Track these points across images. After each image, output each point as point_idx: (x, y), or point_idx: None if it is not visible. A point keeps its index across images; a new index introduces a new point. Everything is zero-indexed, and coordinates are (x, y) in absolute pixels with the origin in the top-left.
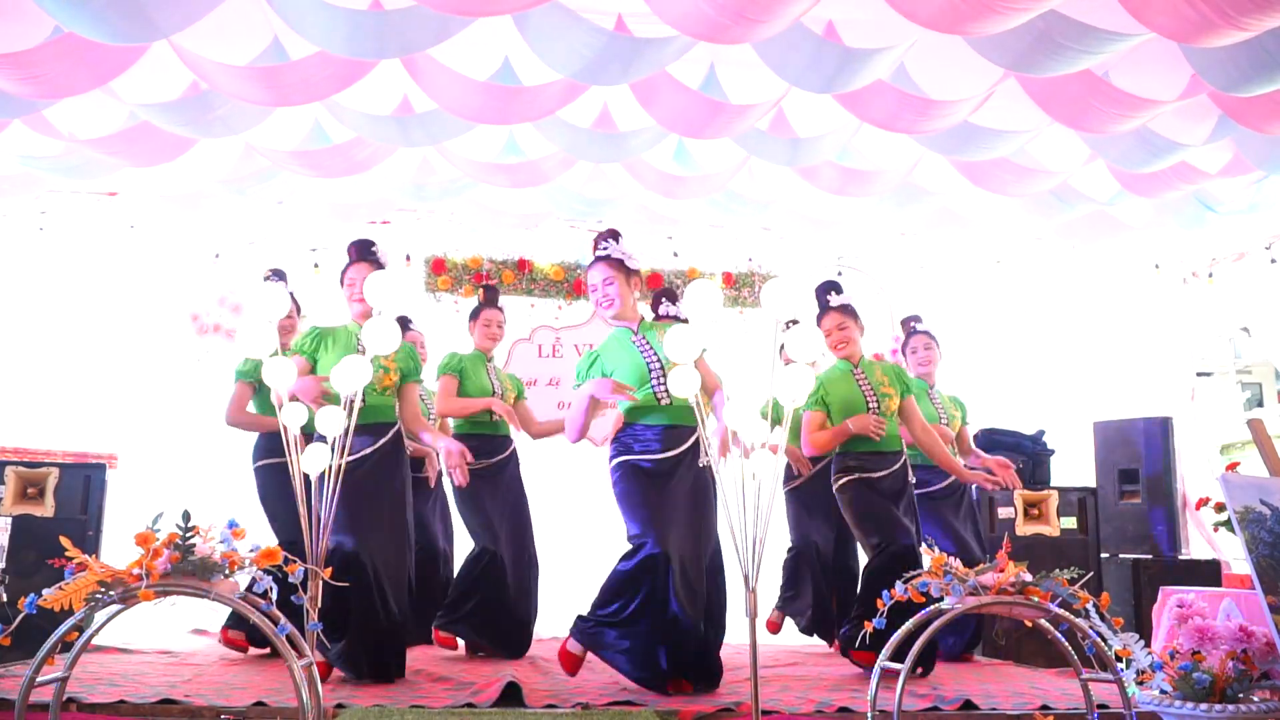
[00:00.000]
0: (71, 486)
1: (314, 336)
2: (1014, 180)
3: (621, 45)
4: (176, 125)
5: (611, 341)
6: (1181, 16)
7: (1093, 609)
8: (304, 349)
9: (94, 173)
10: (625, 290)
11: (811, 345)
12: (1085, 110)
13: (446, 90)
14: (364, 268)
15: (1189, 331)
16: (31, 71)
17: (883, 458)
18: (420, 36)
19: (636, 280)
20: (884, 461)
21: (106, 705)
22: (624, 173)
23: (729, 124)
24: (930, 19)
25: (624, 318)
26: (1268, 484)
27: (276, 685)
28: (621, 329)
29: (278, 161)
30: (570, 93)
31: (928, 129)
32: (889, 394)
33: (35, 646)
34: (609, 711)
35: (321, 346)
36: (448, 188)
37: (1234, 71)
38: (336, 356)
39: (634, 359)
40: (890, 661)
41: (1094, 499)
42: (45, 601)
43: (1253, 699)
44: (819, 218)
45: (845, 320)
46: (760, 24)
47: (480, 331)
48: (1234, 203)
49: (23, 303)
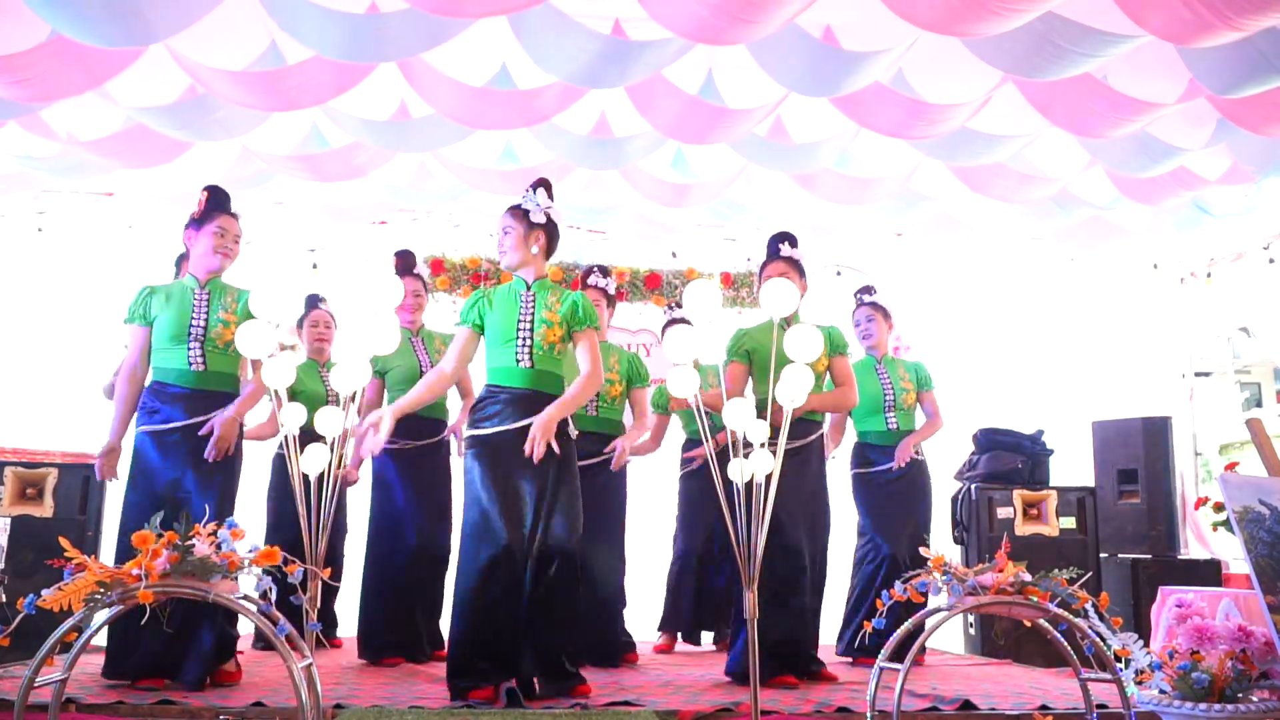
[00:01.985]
0: (70, 487)
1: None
2: (1013, 187)
3: (618, 48)
4: (173, 128)
5: (502, 291)
6: (1177, 17)
7: (1092, 609)
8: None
9: (91, 173)
10: (520, 242)
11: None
12: (1084, 114)
13: (444, 95)
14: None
15: (1187, 331)
16: (25, 74)
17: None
18: (416, 41)
19: (539, 235)
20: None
21: (106, 705)
22: (622, 181)
23: (727, 129)
24: (927, 20)
25: (518, 269)
26: (1266, 484)
27: (276, 685)
28: (518, 280)
29: (275, 165)
30: (568, 98)
31: (926, 134)
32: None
33: (35, 646)
34: (608, 711)
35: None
36: (445, 194)
37: (1229, 74)
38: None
39: (510, 315)
40: (889, 662)
41: (1093, 499)
42: (44, 602)
43: (1251, 699)
44: (818, 224)
45: (790, 272)
46: (753, 25)
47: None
48: (1231, 206)
49: (21, 303)
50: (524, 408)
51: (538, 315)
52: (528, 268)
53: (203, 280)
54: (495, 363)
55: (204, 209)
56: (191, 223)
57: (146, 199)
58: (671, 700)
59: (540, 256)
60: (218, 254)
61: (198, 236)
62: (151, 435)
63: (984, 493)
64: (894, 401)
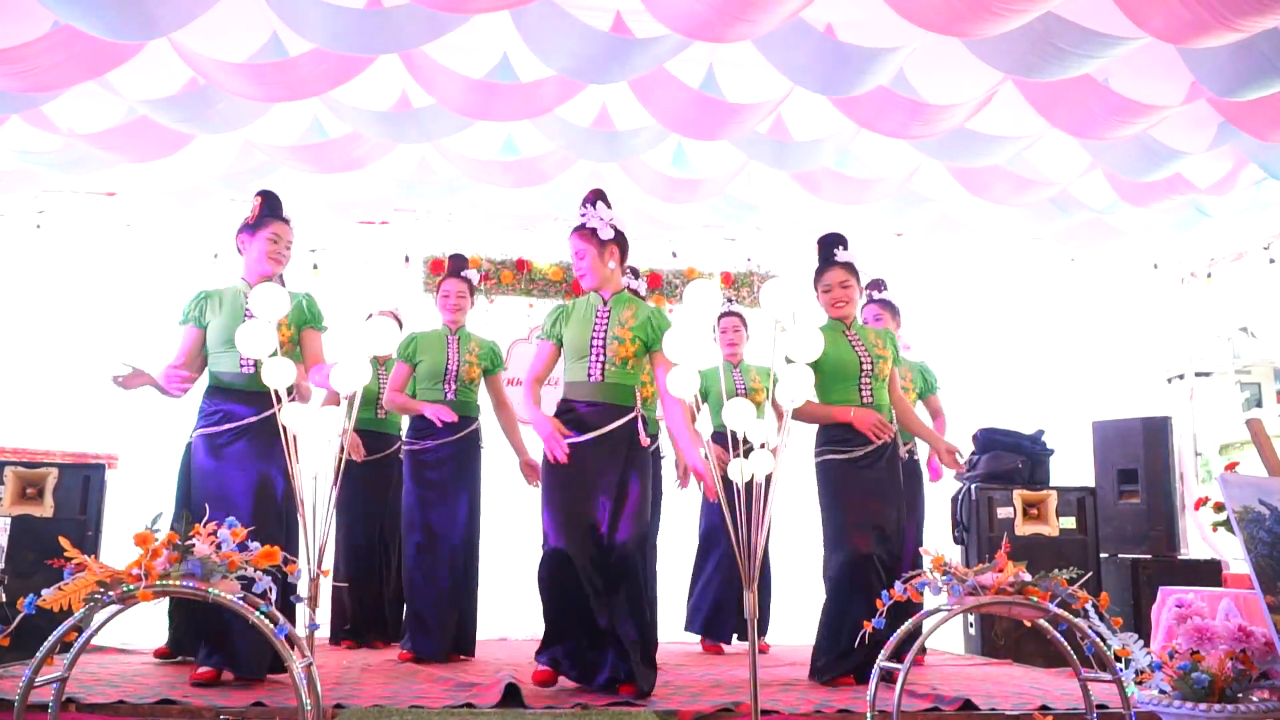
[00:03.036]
0: (71, 487)
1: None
2: (1012, 190)
3: (618, 43)
4: (175, 121)
5: (580, 305)
6: (1177, 17)
7: (1092, 609)
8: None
9: (92, 168)
10: (598, 263)
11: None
12: (1085, 116)
13: (445, 86)
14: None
15: (1187, 331)
16: (25, 65)
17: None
18: (418, 33)
19: (613, 250)
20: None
21: (106, 705)
22: (623, 176)
23: (728, 124)
24: (928, 20)
25: (599, 288)
26: (1266, 484)
27: (276, 685)
28: (594, 295)
29: (276, 157)
30: (569, 90)
31: (925, 133)
32: (883, 356)
33: (35, 646)
34: (608, 711)
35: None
36: (446, 187)
37: (1231, 76)
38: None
39: (584, 331)
40: (889, 662)
41: (1093, 499)
42: (44, 602)
43: (1251, 699)
44: (818, 224)
45: (849, 278)
46: (752, 23)
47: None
48: (1230, 208)
49: (21, 302)
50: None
51: (610, 331)
52: (608, 286)
53: (254, 284)
54: (570, 378)
55: (258, 214)
56: (245, 228)
57: (146, 198)
58: (671, 700)
59: (618, 270)
60: (270, 260)
61: (251, 241)
62: (207, 438)
63: (984, 493)
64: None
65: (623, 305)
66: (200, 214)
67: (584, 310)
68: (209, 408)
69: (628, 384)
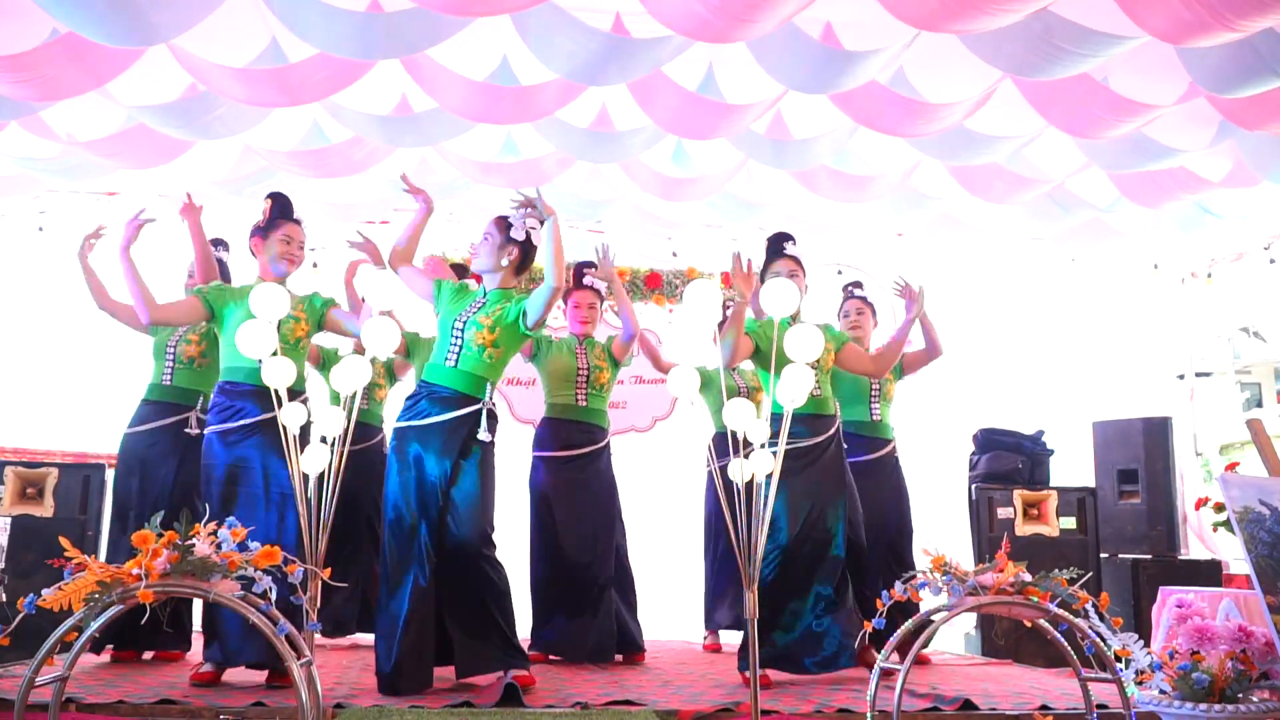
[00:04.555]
0: (71, 486)
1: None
2: (1011, 189)
3: (619, 45)
4: (174, 127)
5: (461, 287)
6: (1176, 17)
7: (1092, 609)
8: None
9: (91, 174)
10: (496, 253)
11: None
12: (1082, 115)
13: (445, 90)
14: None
15: (1188, 332)
16: (30, 74)
17: (817, 421)
18: (418, 37)
19: (512, 249)
20: (818, 426)
21: (106, 705)
22: (622, 175)
23: (726, 125)
24: (921, 19)
25: (488, 275)
26: (1267, 484)
27: (277, 685)
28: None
29: (275, 162)
30: (569, 93)
31: (923, 131)
32: (826, 349)
33: (35, 646)
34: (608, 711)
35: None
36: (445, 188)
37: (1227, 75)
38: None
39: (451, 315)
40: (889, 662)
41: (1093, 499)
42: (45, 602)
43: (1252, 699)
44: (817, 222)
45: (796, 270)
46: (753, 24)
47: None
48: (1232, 208)
49: (22, 302)
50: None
51: (474, 319)
52: (495, 275)
53: None
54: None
55: (269, 217)
56: (257, 230)
57: (147, 199)
58: (671, 700)
59: (508, 271)
60: (284, 261)
61: (264, 244)
62: (221, 434)
63: (984, 493)
64: (879, 391)
65: (499, 300)
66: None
67: (463, 295)
68: (223, 403)
69: (481, 376)
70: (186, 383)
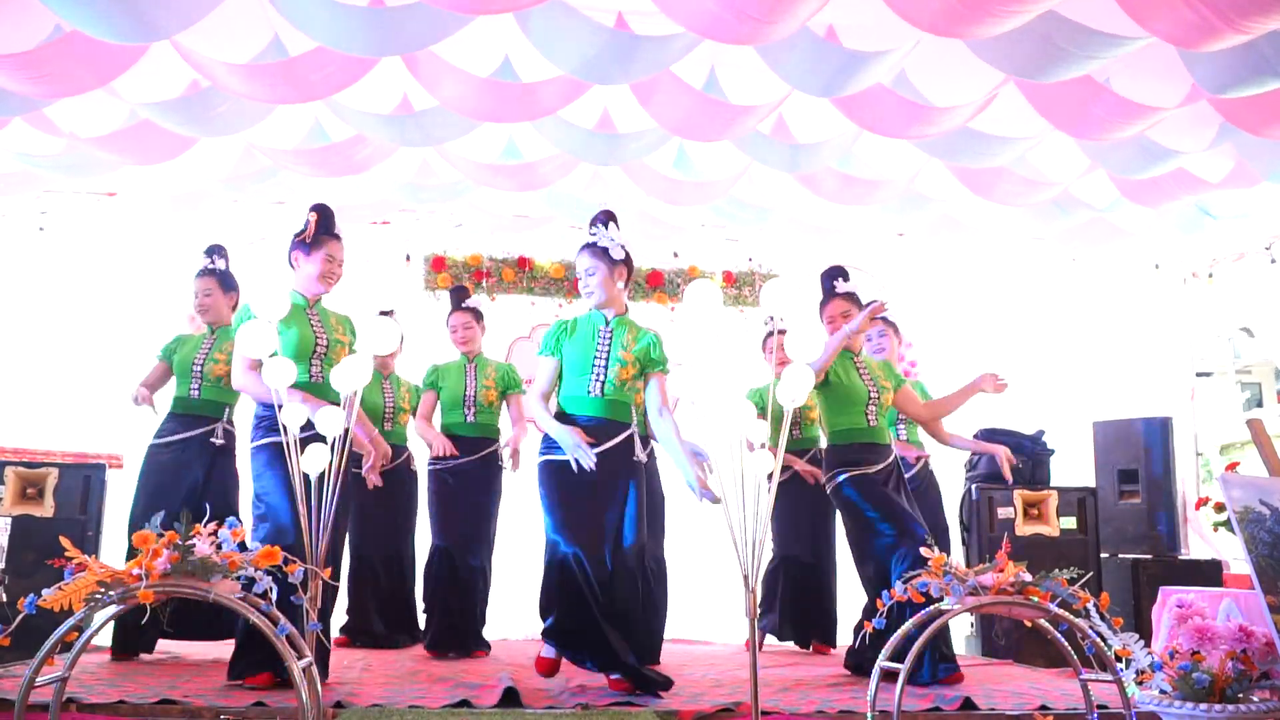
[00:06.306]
0: (71, 487)
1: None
2: (1015, 191)
3: (623, 43)
4: (177, 124)
5: (582, 322)
6: (1181, 19)
7: (1092, 609)
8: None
9: (94, 171)
10: (608, 281)
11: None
12: (1085, 117)
13: (447, 87)
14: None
15: (1189, 331)
16: (35, 71)
17: (877, 450)
18: (421, 34)
19: (622, 270)
20: (879, 455)
21: (106, 705)
22: (625, 178)
23: (729, 126)
24: (928, 22)
25: (604, 307)
26: (1267, 484)
27: (276, 685)
28: (597, 313)
29: (278, 161)
30: (571, 91)
31: (927, 134)
32: (886, 387)
33: (35, 646)
34: (609, 711)
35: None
36: (448, 190)
37: (1228, 75)
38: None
39: (587, 349)
40: (889, 662)
41: (1093, 499)
42: (45, 602)
43: (1252, 699)
44: (820, 224)
45: (851, 308)
46: (767, 25)
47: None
48: (1233, 208)
49: (23, 303)
50: (597, 434)
51: (613, 353)
52: (612, 305)
53: (311, 302)
54: (568, 391)
55: (314, 233)
56: (300, 245)
57: (148, 199)
58: (672, 700)
59: (624, 292)
60: (324, 280)
61: (307, 260)
62: (266, 448)
63: (984, 493)
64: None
65: (625, 328)
66: (202, 216)
67: (587, 328)
68: (270, 418)
69: (625, 401)
70: (214, 397)
